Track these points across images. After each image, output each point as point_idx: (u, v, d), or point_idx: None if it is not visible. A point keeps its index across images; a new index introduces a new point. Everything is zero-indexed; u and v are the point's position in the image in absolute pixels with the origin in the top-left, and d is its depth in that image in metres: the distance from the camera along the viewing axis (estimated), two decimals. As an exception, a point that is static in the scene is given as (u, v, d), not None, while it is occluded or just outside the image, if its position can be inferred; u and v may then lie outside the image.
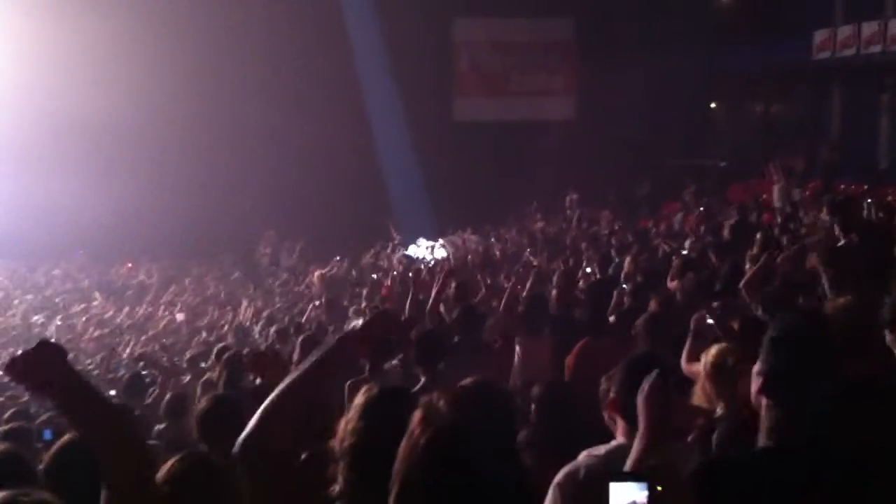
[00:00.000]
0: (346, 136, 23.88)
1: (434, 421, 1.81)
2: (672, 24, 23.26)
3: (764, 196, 17.08)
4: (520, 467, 1.92)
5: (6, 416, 6.96)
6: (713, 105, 26.59)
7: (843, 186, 15.91)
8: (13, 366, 2.33)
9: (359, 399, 2.77)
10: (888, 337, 3.97)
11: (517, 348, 6.93)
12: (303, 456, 2.51)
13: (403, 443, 1.84)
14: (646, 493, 1.78)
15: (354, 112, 24.72)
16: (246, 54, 23.55)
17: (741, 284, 6.74)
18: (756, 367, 2.18)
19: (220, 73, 23.05)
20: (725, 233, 10.94)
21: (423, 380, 5.44)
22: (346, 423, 2.59)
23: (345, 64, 24.84)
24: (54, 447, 3.58)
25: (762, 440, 2.09)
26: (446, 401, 1.84)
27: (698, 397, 4.22)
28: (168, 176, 22.61)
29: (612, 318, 7.18)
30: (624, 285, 8.21)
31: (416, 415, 1.86)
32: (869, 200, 10.86)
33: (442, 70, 26.87)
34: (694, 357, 4.82)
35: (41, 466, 3.61)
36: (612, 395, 3.18)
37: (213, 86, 22.85)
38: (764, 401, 2.11)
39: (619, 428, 3.13)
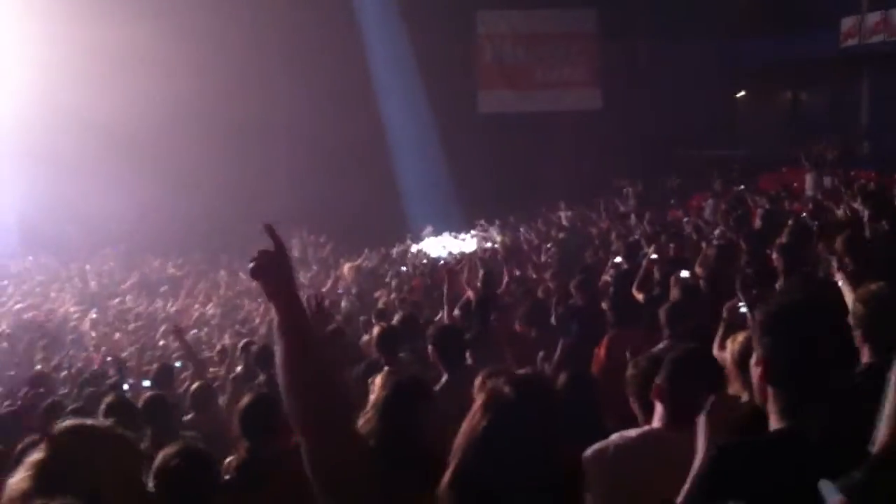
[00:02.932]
0: (371, 132, 24.02)
1: (499, 403, 1.85)
2: (696, 13, 23.13)
3: (794, 185, 16.99)
4: (571, 450, 1.97)
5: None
6: (741, 94, 26.40)
7: (872, 175, 15.79)
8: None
9: (378, 392, 2.82)
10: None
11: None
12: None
13: (465, 425, 1.88)
14: None
15: (379, 107, 24.83)
16: (269, 53, 23.75)
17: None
18: (754, 356, 2.16)
19: (247, 72, 23.25)
20: (757, 221, 10.89)
21: (445, 376, 5.25)
22: (367, 419, 2.66)
23: (367, 60, 24.96)
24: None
25: (774, 424, 2.07)
26: (509, 385, 1.87)
27: (733, 386, 4.25)
28: (198, 174, 22.81)
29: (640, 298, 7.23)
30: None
31: (481, 398, 1.90)
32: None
33: (466, 63, 26.90)
34: (725, 345, 4.84)
35: None
36: (658, 382, 3.22)
37: (240, 86, 23.04)
38: (769, 388, 2.09)
39: (657, 414, 3.19)
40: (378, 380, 5.05)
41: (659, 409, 3.18)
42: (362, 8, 25.41)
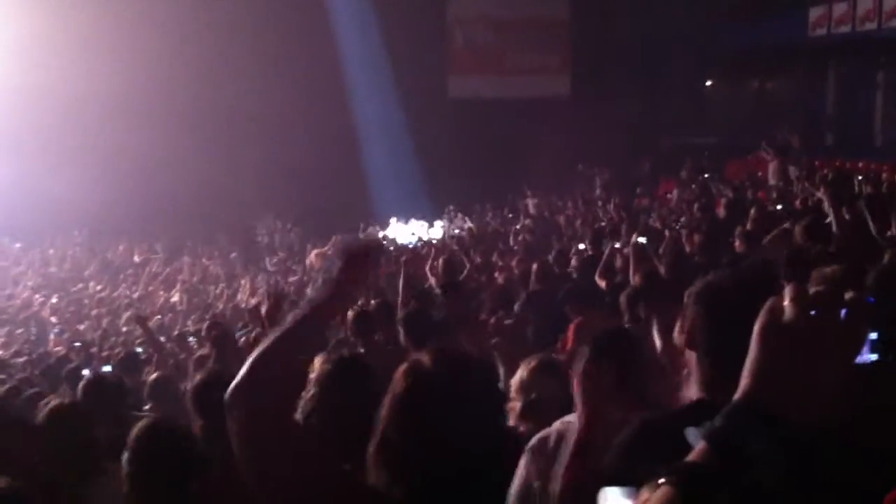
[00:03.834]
0: (339, 116, 23.89)
1: (417, 371, 1.91)
2: (666, 1, 23.21)
3: (760, 173, 17.12)
4: (499, 425, 1.99)
5: None
6: (709, 83, 26.55)
7: (837, 164, 15.94)
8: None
9: (318, 370, 2.82)
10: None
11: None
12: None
13: (388, 393, 1.93)
14: None
15: (348, 92, 24.71)
16: (237, 38, 23.48)
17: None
18: (679, 323, 2.19)
19: (215, 56, 22.97)
20: (720, 210, 10.97)
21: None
22: (306, 396, 2.65)
23: (336, 45, 24.83)
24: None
25: (694, 393, 2.09)
26: (429, 357, 1.93)
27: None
28: (164, 158, 22.57)
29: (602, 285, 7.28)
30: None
31: (402, 367, 1.95)
32: (860, 177, 10.90)
33: (436, 48, 26.81)
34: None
35: None
36: (580, 369, 3.24)
37: (207, 69, 22.79)
38: (693, 356, 2.11)
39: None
40: (317, 359, 5.11)
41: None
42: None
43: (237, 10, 23.39)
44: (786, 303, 1.24)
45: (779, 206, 10.71)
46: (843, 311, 1.21)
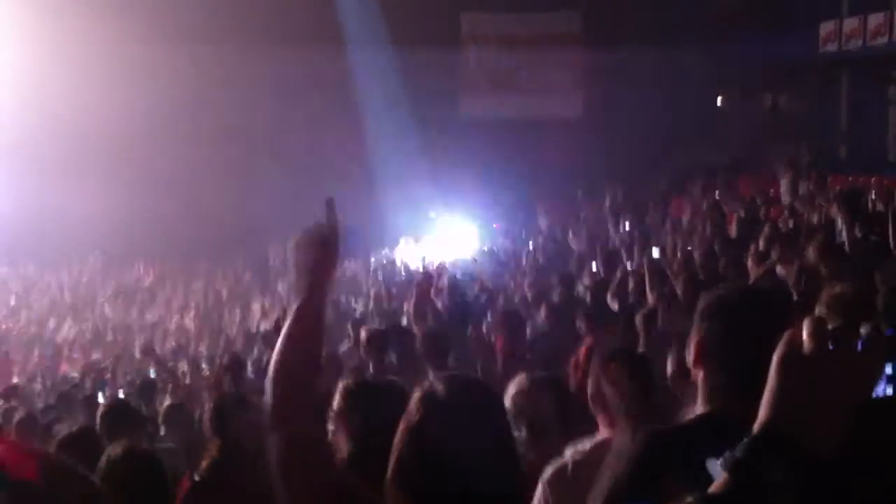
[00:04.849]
0: (350, 134, 23.95)
1: (431, 399, 1.91)
2: (679, 17, 23.23)
3: (772, 191, 17.06)
4: (513, 453, 1.99)
5: None
6: (720, 99, 26.53)
7: (850, 179, 15.87)
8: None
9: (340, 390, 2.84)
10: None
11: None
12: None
13: (402, 421, 1.94)
14: None
15: (360, 111, 24.78)
16: (253, 61, 23.63)
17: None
18: (690, 340, 2.20)
19: (230, 79, 23.15)
20: (732, 229, 10.94)
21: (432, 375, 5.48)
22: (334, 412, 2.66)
23: (349, 62, 24.96)
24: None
25: (699, 409, 2.12)
26: (443, 384, 1.93)
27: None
28: (178, 181, 22.69)
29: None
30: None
31: (415, 395, 1.96)
32: (873, 192, 10.84)
33: (448, 66, 26.87)
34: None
35: None
36: (590, 391, 3.26)
37: (223, 93, 22.95)
38: (700, 372, 2.13)
39: (600, 421, 3.22)
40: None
41: (600, 418, 3.20)
42: (343, 8, 25.36)
43: (253, 34, 23.56)
44: (804, 335, 1.26)
45: (790, 224, 10.68)
46: (859, 345, 1.24)
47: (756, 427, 1.26)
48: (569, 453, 3.07)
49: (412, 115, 24.64)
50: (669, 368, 4.60)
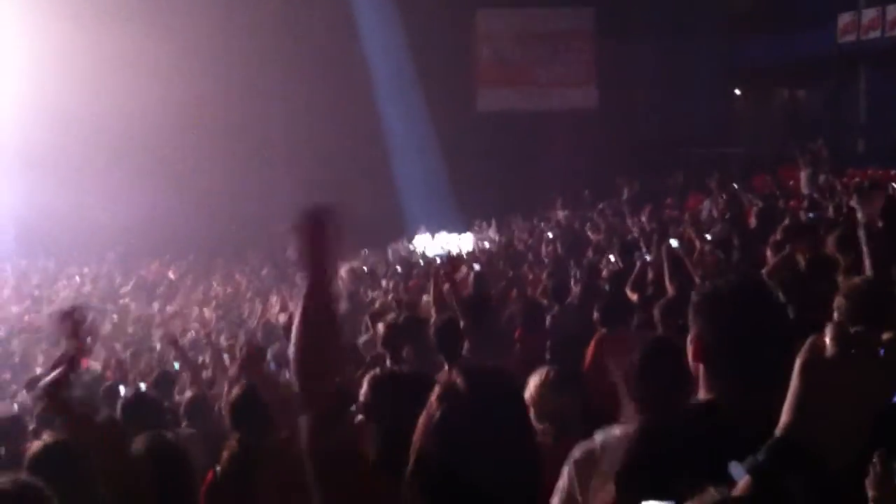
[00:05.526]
0: (368, 130, 24.03)
1: (451, 394, 1.89)
2: (693, 11, 23.15)
3: (791, 182, 16.99)
4: (533, 443, 1.99)
5: None
6: (737, 92, 26.42)
7: (868, 172, 15.79)
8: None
9: (367, 381, 2.85)
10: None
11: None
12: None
13: (422, 416, 1.92)
14: None
15: (377, 106, 24.84)
16: (266, 55, 23.74)
17: (763, 271, 6.74)
18: (689, 336, 2.22)
19: (244, 73, 23.25)
20: (752, 220, 10.89)
21: (446, 367, 5.53)
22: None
23: (365, 59, 25.01)
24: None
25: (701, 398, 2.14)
26: (463, 376, 1.91)
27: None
28: (196, 178, 22.82)
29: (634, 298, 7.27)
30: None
31: (436, 390, 1.93)
32: (894, 185, 10.78)
33: (464, 61, 26.92)
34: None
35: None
36: (625, 381, 3.27)
37: (238, 88, 23.05)
38: (701, 367, 2.15)
39: (632, 409, 3.24)
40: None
41: (632, 405, 3.22)
42: (359, 6, 25.44)
43: (266, 28, 23.65)
44: (826, 341, 1.28)
45: (811, 215, 10.64)
46: (881, 351, 1.25)
47: (778, 430, 1.28)
48: (599, 437, 3.08)
49: (428, 109, 24.69)
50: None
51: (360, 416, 2.86)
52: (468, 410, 1.86)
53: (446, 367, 5.56)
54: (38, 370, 10.93)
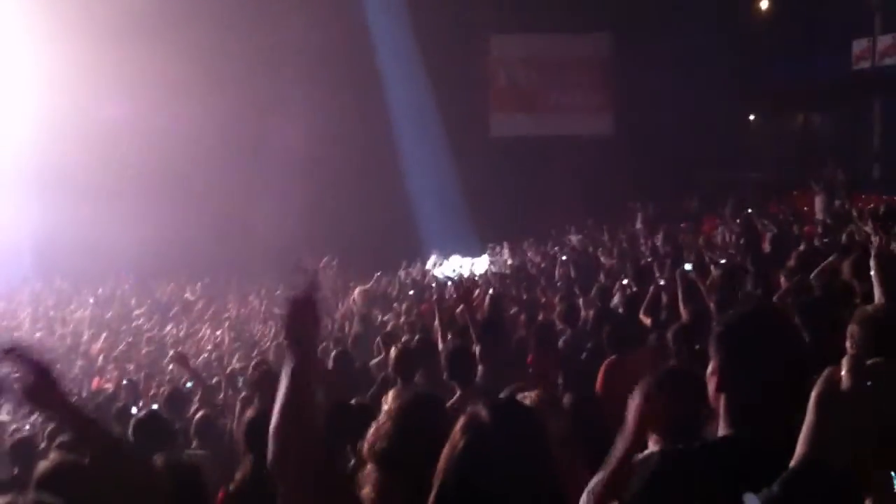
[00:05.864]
0: (383, 155, 24.12)
1: (475, 426, 1.91)
2: (708, 37, 23.17)
3: (805, 208, 16.93)
4: (554, 475, 1.98)
5: None
6: (752, 117, 26.39)
7: (884, 198, 15.71)
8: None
9: (391, 404, 2.85)
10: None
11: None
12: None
13: (446, 447, 1.93)
14: None
15: (393, 130, 24.96)
16: (281, 77, 23.89)
17: (775, 298, 6.71)
18: (710, 368, 2.22)
19: (259, 96, 23.39)
20: (766, 245, 10.86)
21: (458, 392, 5.49)
22: (379, 427, 2.67)
23: (381, 83, 25.16)
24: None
25: (721, 431, 2.13)
26: (488, 409, 1.93)
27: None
28: (211, 200, 22.90)
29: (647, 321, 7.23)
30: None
31: (460, 421, 1.95)
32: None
33: (479, 87, 27.03)
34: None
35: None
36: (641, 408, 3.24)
37: (254, 109, 23.19)
38: (722, 399, 2.15)
39: (651, 438, 3.21)
40: (390, 394, 5.16)
41: (651, 432, 3.19)
42: (377, 30, 25.63)
43: (282, 50, 23.81)
44: (842, 373, 1.27)
45: (825, 240, 10.60)
46: None
47: (794, 462, 1.29)
48: None
49: (444, 135, 24.79)
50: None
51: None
52: (490, 444, 1.87)
53: (458, 393, 5.54)
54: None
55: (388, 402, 2.96)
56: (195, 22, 22.39)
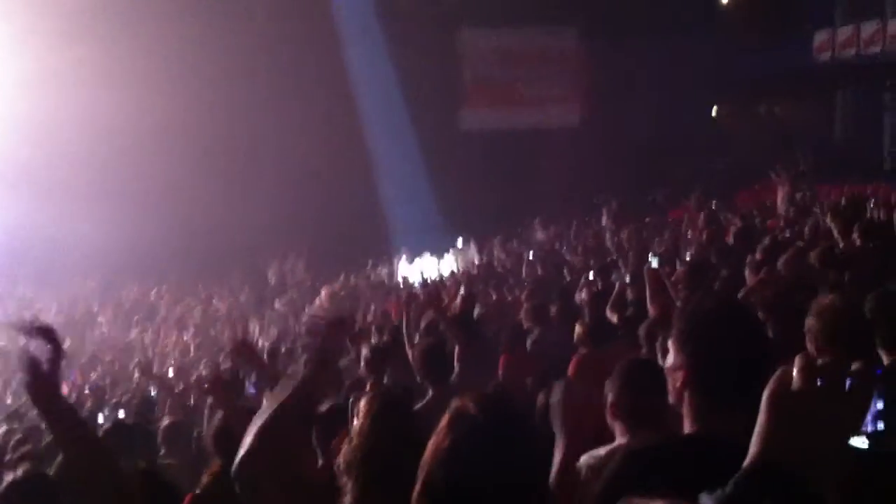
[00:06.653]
0: (352, 150, 24.02)
1: (464, 421, 1.90)
2: (676, 28, 23.32)
3: (769, 202, 17.05)
4: (541, 474, 2.03)
5: None
6: (717, 108, 26.61)
7: (846, 187, 15.86)
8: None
9: (364, 408, 2.84)
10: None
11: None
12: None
13: (430, 445, 1.92)
14: None
15: (360, 125, 24.87)
16: (247, 73, 23.70)
17: (742, 292, 6.72)
18: (671, 362, 2.20)
19: (225, 93, 23.19)
20: (730, 239, 10.92)
21: (430, 392, 5.47)
22: (355, 432, 2.65)
23: (349, 78, 25.06)
24: None
25: (687, 429, 2.13)
26: (474, 404, 1.92)
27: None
28: (177, 201, 22.68)
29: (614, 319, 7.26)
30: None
31: (445, 417, 1.95)
32: (872, 201, 10.85)
33: (447, 81, 26.99)
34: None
35: None
36: (609, 399, 3.29)
37: (220, 108, 22.98)
38: (686, 394, 2.13)
39: (618, 430, 3.24)
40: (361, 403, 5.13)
41: (618, 426, 3.23)
42: (344, 26, 25.53)
43: (249, 46, 23.62)
44: (794, 372, 1.27)
45: (787, 233, 10.67)
46: (848, 381, 1.24)
47: (746, 463, 1.27)
48: (584, 458, 3.08)
49: (413, 128, 24.75)
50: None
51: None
52: (477, 438, 1.87)
53: (431, 391, 5.52)
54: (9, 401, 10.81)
55: (360, 411, 2.94)
56: (159, 19, 22.19)
